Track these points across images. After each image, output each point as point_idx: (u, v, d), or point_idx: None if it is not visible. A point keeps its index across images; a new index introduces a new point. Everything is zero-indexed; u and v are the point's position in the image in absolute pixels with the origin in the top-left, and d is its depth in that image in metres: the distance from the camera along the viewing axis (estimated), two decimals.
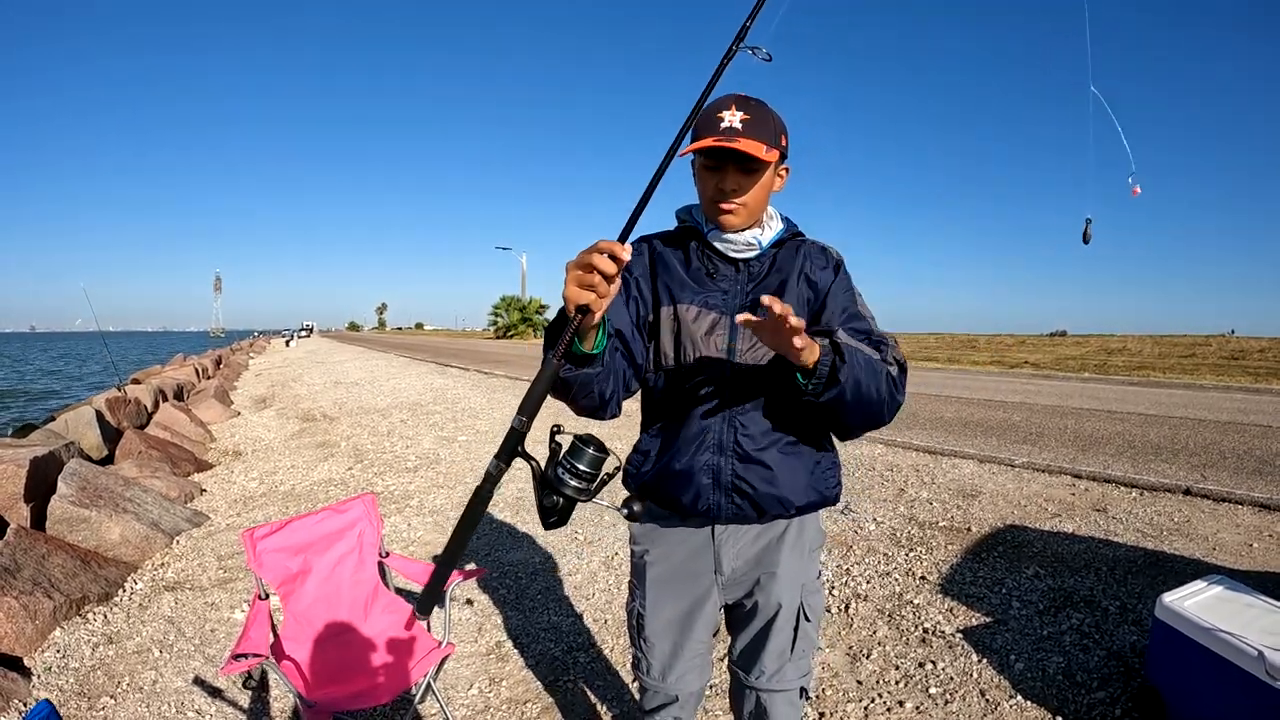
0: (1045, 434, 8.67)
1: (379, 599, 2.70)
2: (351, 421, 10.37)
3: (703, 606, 1.69)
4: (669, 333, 1.60)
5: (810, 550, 1.69)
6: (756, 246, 1.59)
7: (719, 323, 1.57)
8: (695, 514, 1.61)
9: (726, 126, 1.44)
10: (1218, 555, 4.26)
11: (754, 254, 1.60)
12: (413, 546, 4.73)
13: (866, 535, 4.68)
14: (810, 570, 1.69)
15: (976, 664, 3.02)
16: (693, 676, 1.75)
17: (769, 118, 1.49)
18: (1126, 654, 3.04)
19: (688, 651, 1.72)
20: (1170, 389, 15.16)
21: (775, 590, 1.64)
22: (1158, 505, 5.33)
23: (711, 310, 1.58)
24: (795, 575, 1.65)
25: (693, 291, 1.59)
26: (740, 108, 1.46)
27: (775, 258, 1.61)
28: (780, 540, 1.65)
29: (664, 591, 1.71)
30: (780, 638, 1.66)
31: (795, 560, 1.65)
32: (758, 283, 1.60)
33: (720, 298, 1.59)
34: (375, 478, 6.76)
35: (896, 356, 1.50)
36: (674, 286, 1.61)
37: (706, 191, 1.54)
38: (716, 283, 1.60)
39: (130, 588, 4.09)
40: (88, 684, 3.04)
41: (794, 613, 1.65)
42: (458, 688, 2.97)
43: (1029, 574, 3.93)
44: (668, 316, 1.60)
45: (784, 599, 1.64)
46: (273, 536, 2.52)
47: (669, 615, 1.71)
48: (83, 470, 4.99)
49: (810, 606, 1.68)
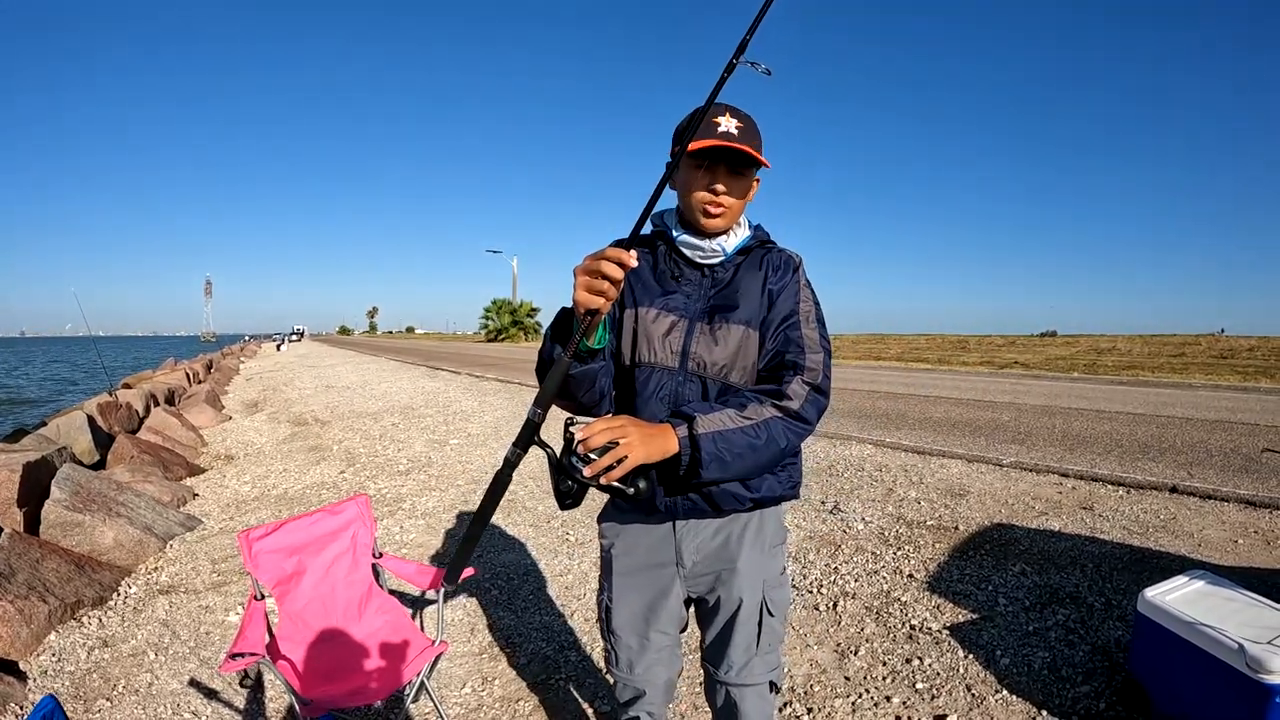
0: (1034, 434, 8.74)
1: (373, 599, 2.73)
2: (343, 425, 10.36)
3: (666, 599, 1.73)
4: (629, 333, 1.66)
5: (771, 546, 1.72)
6: (720, 253, 1.64)
7: (676, 325, 1.62)
8: (654, 510, 1.66)
9: (724, 131, 1.51)
10: (1203, 551, 4.32)
11: (718, 260, 1.65)
12: (405, 549, 4.74)
13: (855, 535, 4.72)
14: (772, 566, 1.72)
15: (963, 659, 3.06)
16: (660, 669, 1.79)
17: (756, 129, 1.57)
18: (1111, 648, 3.09)
19: (654, 644, 1.77)
20: (1159, 388, 15.27)
21: (736, 585, 1.68)
22: (1144, 503, 5.39)
23: (671, 313, 1.63)
24: (756, 570, 1.69)
25: (655, 295, 1.66)
26: (734, 116, 1.54)
27: (739, 266, 1.66)
28: (740, 536, 1.69)
29: (629, 584, 1.76)
30: (744, 632, 1.69)
31: (755, 555, 1.69)
32: (720, 289, 1.65)
33: (682, 301, 1.64)
34: (367, 481, 6.77)
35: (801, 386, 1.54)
36: (639, 289, 1.67)
37: (696, 192, 1.58)
38: (680, 287, 1.66)
39: (125, 591, 4.09)
40: (84, 687, 3.05)
41: (757, 607, 1.69)
42: (451, 686, 3.00)
43: (1015, 571, 3.98)
44: (629, 318, 1.66)
45: (745, 594, 1.68)
46: (268, 538, 2.55)
47: (634, 608, 1.76)
48: (76, 475, 4.99)
49: (774, 601, 1.71)
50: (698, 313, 1.63)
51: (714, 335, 1.60)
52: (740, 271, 1.66)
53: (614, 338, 1.68)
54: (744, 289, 1.63)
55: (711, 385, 1.60)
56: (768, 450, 1.49)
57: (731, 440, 1.45)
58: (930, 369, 23.12)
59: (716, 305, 1.62)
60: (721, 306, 1.62)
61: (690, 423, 1.45)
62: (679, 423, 1.46)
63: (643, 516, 1.71)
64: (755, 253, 1.68)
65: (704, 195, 1.57)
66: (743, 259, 1.67)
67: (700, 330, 1.61)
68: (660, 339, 1.63)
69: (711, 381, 1.61)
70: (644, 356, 1.64)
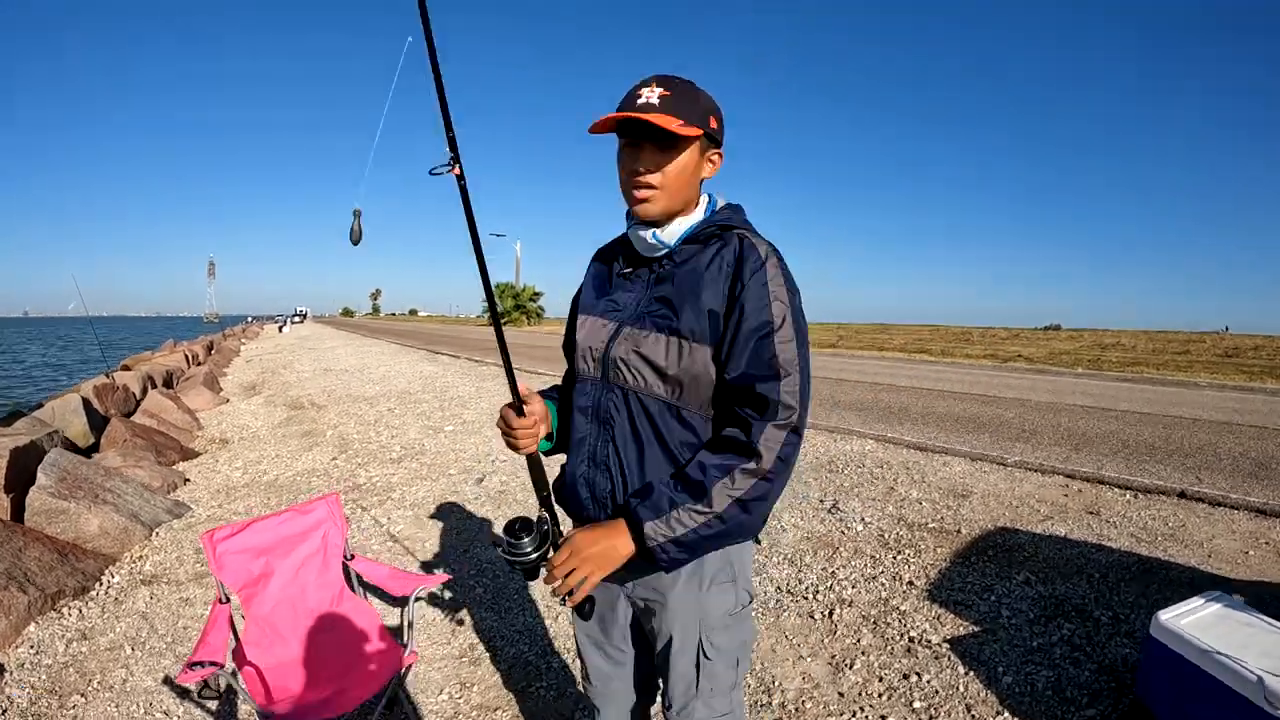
0: (1039, 431, 8.60)
1: (344, 602, 2.64)
2: (339, 410, 10.27)
3: (614, 612, 1.62)
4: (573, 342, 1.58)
5: (714, 584, 1.48)
6: (660, 246, 1.45)
7: (603, 330, 1.50)
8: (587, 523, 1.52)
9: (643, 102, 1.33)
10: (1213, 563, 4.19)
11: (661, 253, 1.46)
12: (391, 541, 4.64)
13: (854, 536, 4.60)
14: (714, 604, 1.49)
15: (963, 676, 2.94)
16: (618, 684, 1.69)
17: (695, 96, 1.37)
18: (1118, 668, 2.97)
19: (611, 658, 1.67)
20: (1165, 386, 15.13)
21: (667, 620, 1.50)
22: (1152, 509, 5.27)
23: (604, 317, 1.51)
24: (689, 610, 1.48)
25: (595, 299, 1.56)
26: (661, 85, 1.35)
27: (689, 258, 1.44)
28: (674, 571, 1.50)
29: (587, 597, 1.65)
30: (679, 669, 1.51)
31: (688, 594, 1.48)
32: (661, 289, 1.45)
33: (622, 302, 1.51)
34: (358, 468, 6.67)
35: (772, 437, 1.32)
36: (585, 295, 1.59)
37: (623, 173, 1.41)
38: (627, 286, 1.52)
39: (108, 581, 4.03)
40: (60, 681, 3.01)
41: (691, 648, 1.49)
42: (428, 692, 2.90)
43: (1019, 580, 3.86)
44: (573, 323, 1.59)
45: (675, 631, 1.50)
46: (234, 538, 2.46)
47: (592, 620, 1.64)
48: (62, 460, 4.91)
49: (714, 645, 1.50)
50: (631, 315, 1.47)
51: (636, 341, 1.43)
52: (685, 266, 1.43)
53: None
54: (684, 289, 1.40)
55: (635, 398, 1.44)
56: (740, 530, 1.37)
57: (690, 543, 1.33)
58: (933, 360, 22.96)
59: (648, 309, 1.45)
60: (653, 311, 1.43)
61: (639, 532, 1.33)
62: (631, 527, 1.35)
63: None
64: (712, 242, 1.44)
65: (628, 177, 1.40)
66: (694, 250, 1.44)
67: (624, 336, 1.45)
68: (584, 346, 1.52)
69: (634, 394, 1.44)
70: (577, 363, 1.55)
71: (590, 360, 1.50)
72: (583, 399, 1.52)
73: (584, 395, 1.52)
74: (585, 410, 1.51)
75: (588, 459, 1.50)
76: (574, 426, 1.53)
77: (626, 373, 1.43)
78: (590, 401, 1.50)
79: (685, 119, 1.33)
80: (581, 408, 1.52)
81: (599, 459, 1.48)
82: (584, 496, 1.51)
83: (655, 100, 1.33)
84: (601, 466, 1.48)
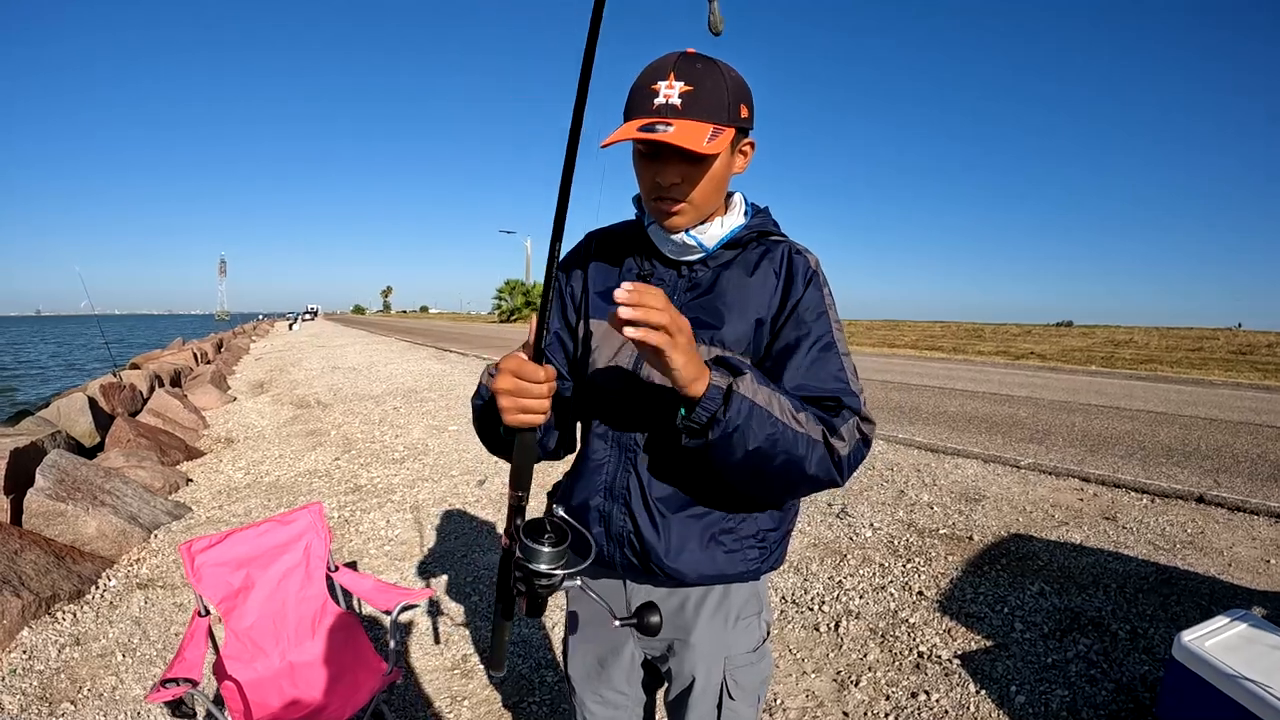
0: (1052, 432, 8.46)
1: (326, 616, 2.56)
2: (344, 409, 10.23)
3: (619, 655, 1.47)
4: (585, 350, 1.37)
5: (740, 618, 1.38)
6: (698, 247, 1.28)
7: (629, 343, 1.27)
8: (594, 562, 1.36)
9: (661, 104, 1.12)
10: (1233, 572, 4.06)
11: (696, 256, 1.30)
12: (389, 545, 4.56)
13: (862, 543, 4.49)
14: (738, 641, 1.38)
15: (974, 695, 2.83)
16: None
17: (721, 85, 1.15)
18: (1136, 687, 2.85)
19: (609, 701, 1.51)
20: (1179, 385, 14.93)
21: (690, 660, 1.37)
22: (1170, 514, 5.14)
23: None
24: (715, 648, 1.36)
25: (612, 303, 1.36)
26: (682, 76, 1.13)
27: (727, 264, 1.31)
28: (699, 604, 1.37)
29: (585, 633, 1.51)
30: (699, 713, 1.39)
31: (715, 630, 1.36)
32: (698, 295, 1.30)
33: None
34: (360, 469, 6.61)
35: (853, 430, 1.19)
36: (595, 297, 1.39)
37: (645, 186, 1.24)
38: None
39: (104, 584, 3.99)
40: (50, 688, 2.98)
41: (715, 689, 1.37)
42: (418, 706, 2.81)
43: (1033, 591, 3.73)
44: (584, 332, 1.38)
45: (699, 671, 1.37)
46: (212, 550, 2.38)
47: (588, 659, 1.51)
48: (62, 462, 4.88)
49: (738, 684, 1.38)
50: None
51: None
52: (727, 272, 1.29)
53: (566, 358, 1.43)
54: (731, 298, 1.27)
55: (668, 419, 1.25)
56: (786, 468, 1.13)
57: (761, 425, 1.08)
58: (945, 358, 22.78)
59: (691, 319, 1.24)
60: (693, 321, 1.24)
61: (736, 377, 1.08)
62: (719, 370, 1.09)
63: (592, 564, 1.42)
64: (752, 247, 1.31)
65: (652, 191, 1.22)
66: (733, 255, 1.31)
67: None
68: (606, 361, 1.33)
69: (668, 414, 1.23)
70: (597, 379, 1.35)
71: (614, 376, 1.33)
72: (602, 423, 1.36)
73: (604, 411, 1.36)
74: (605, 435, 1.35)
75: (604, 490, 1.34)
76: (589, 451, 1.37)
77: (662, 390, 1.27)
78: (612, 425, 1.34)
79: (716, 120, 1.14)
80: (601, 433, 1.36)
81: (616, 490, 1.33)
82: (595, 531, 1.35)
83: (676, 100, 1.12)
84: (619, 499, 1.32)
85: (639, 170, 1.23)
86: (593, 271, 1.41)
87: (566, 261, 1.46)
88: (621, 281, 1.18)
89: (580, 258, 1.44)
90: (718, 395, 1.06)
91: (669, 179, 1.18)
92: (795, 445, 1.12)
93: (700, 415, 1.07)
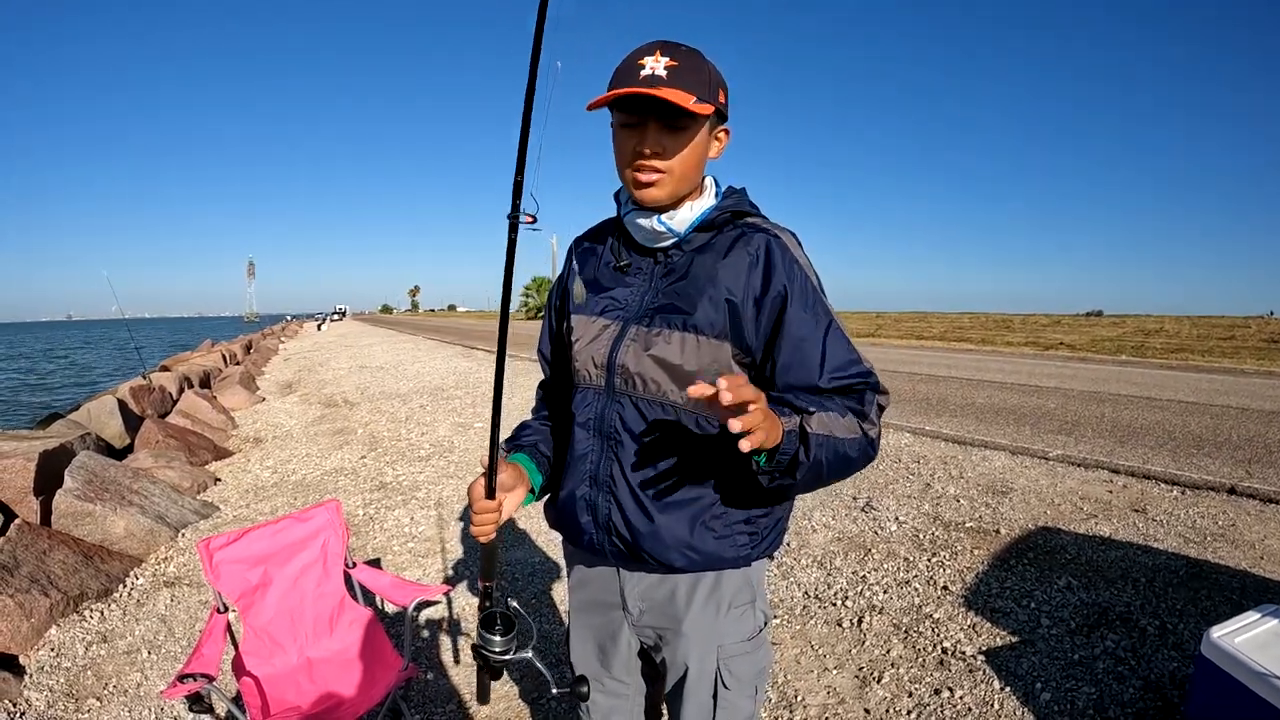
0: (1081, 423, 8.33)
1: (344, 612, 2.58)
2: (371, 407, 10.32)
3: (616, 643, 1.47)
4: (567, 344, 1.42)
5: (733, 606, 1.37)
6: (668, 232, 1.31)
7: (606, 331, 1.34)
8: (586, 549, 1.41)
9: (648, 74, 1.18)
10: (1265, 566, 3.96)
11: (669, 242, 1.33)
12: (413, 542, 4.60)
13: (887, 537, 4.45)
14: (732, 630, 1.38)
15: (998, 692, 2.77)
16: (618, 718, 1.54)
17: (703, 67, 1.22)
18: (1165, 685, 2.78)
19: (609, 689, 1.51)
20: (1211, 374, 14.63)
21: (681, 649, 1.37)
22: (1200, 506, 5.03)
23: (604, 316, 1.36)
24: (707, 636, 1.36)
25: (592, 299, 1.39)
26: (667, 53, 1.20)
27: (700, 248, 1.32)
28: (690, 592, 1.37)
29: (582, 620, 1.52)
30: (694, 703, 1.38)
31: (707, 618, 1.36)
32: (673, 281, 1.32)
33: (624, 298, 1.35)
34: (386, 467, 6.66)
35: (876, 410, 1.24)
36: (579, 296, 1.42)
37: (624, 156, 1.26)
38: (627, 280, 1.37)
39: (131, 583, 4.06)
40: (77, 685, 3.03)
41: (709, 678, 1.37)
42: (436, 702, 2.82)
43: (1060, 585, 3.67)
44: (567, 328, 1.43)
45: (691, 660, 1.37)
46: (230, 547, 2.41)
47: (588, 646, 1.52)
48: (90, 463, 4.96)
49: (733, 674, 1.37)
50: (637, 312, 1.32)
51: (647, 342, 1.29)
52: (701, 257, 1.31)
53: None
54: (702, 281, 1.28)
55: (646, 407, 1.30)
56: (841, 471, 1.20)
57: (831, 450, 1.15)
58: (973, 349, 22.55)
59: (658, 305, 1.31)
60: (665, 307, 1.30)
61: (803, 417, 1.13)
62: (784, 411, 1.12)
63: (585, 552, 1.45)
64: (727, 230, 1.32)
65: (631, 160, 1.25)
66: (707, 238, 1.32)
67: (633, 335, 1.31)
68: (584, 349, 1.36)
69: (645, 403, 1.30)
70: (576, 369, 1.39)
71: (592, 368, 1.35)
72: (583, 411, 1.37)
73: (585, 407, 1.37)
74: (587, 425, 1.36)
75: (589, 479, 1.36)
76: (574, 442, 1.39)
77: (636, 379, 1.30)
78: (593, 414, 1.36)
79: (697, 93, 1.19)
80: (582, 422, 1.37)
81: (601, 479, 1.34)
82: (584, 520, 1.37)
83: (662, 72, 1.18)
84: (604, 488, 1.34)
85: (618, 143, 1.27)
86: (572, 268, 1.47)
87: (559, 278, 1.53)
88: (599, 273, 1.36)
89: (566, 269, 1.50)
90: (794, 439, 1.11)
91: (650, 145, 1.22)
92: (850, 450, 1.18)
93: (782, 461, 1.12)
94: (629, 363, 1.30)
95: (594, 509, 1.35)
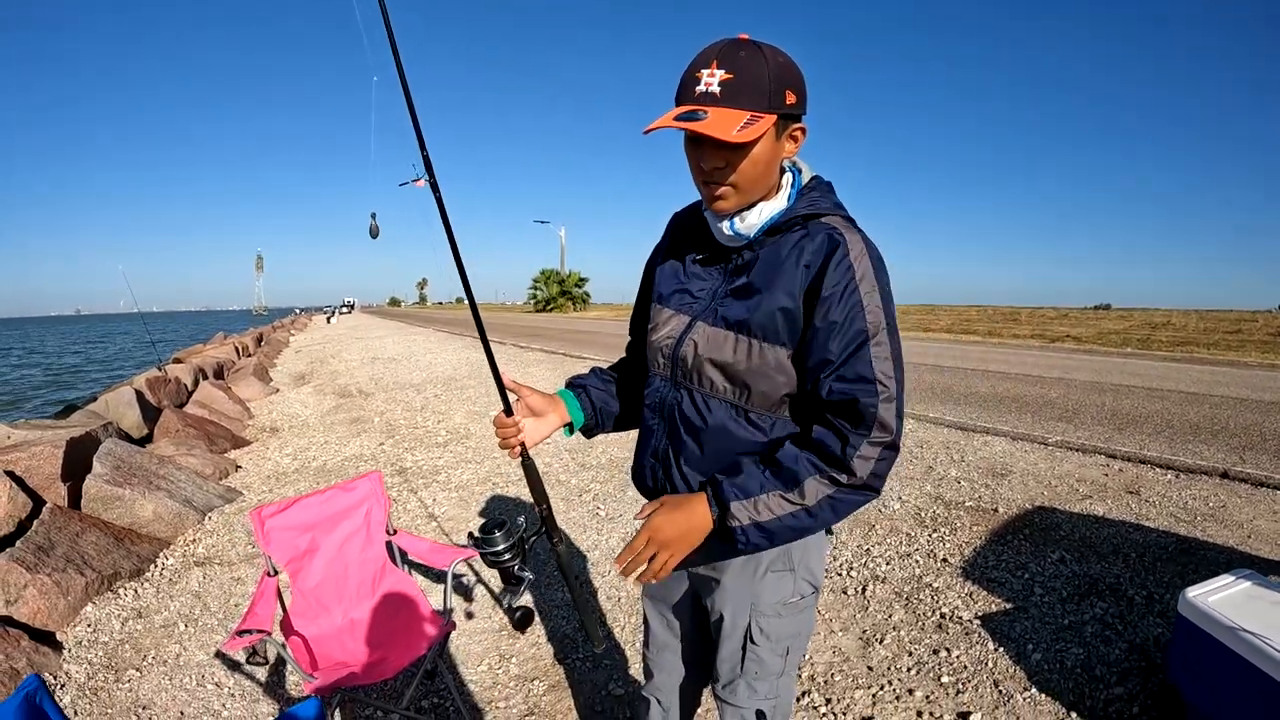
0: (1081, 411, 8.46)
1: (386, 576, 2.73)
2: (386, 397, 10.47)
3: (680, 583, 1.63)
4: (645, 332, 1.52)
5: (769, 571, 1.45)
6: (736, 235, 1.32)
7: (674, 323, 1.42)
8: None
9: (702, 91, 1.16)
10: (1252, 544, 4.12)
11: (741, 243, 1.34)
12: (436, 522, 4.76)
13: (890, 514, 4.61)
14: (767, 593, 1.46)
15: (992, 652, 2.96)
16: (669, 655, 1.69)
17: (763, 73, 1.16)
18: (1149, 648, 2.95)
19: (669, 625, 1.68)
20: (1214, 366, 14.67)
21: (719, 598, 1.50)
22: (1193, 488, 5.18)
23: (678, 309, 1.42)
24: (742, 593, 1.47)
25: (671, 286, 1.46)
26: (724, 64, 1.16)
27: (764, 250, 1.33)
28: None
29: None
30: (728, 648, 1.51)
31: (743, 577, 1.46)
32: (738, 282, 1.35)
33: (698, 291, 1.41)
34: (405, 453, 6.82)
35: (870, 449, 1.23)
36: (660, 279, 1.49)
37: (692, 170, 1.28)
38: (701, 275, 1.42)
39: (161, 563, 4.18)
40: (115, 657, 3.13)
41: (741, 630, 1.48)
42: (468, 664, 2.99)
43: (1054, 559, 3.84)
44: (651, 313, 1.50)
45: (726, 611, 1.49)
46: (281, 515, 2.55)
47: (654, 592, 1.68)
48: (117, 450, 5.09)
49: (763, 631, 1.47)
50: (704, 309, 1.38)
51: (708, 340, 1.35)
52: (765, 259, 1.31)
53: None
54: (758, 284, 1.30)
55: (702, 401, 1.38)
56: (820, 527, 1.28)
57: (773, 530, 1.26)
58: (979, 341, 22.58)
59: (723, 304, 1.35)
60: (728, 307, 1.34)
61: (724, 511, 1.26)
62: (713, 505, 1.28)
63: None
64: (796, 230, 1.31)
65: (697, 175, 1.28)
66: (775, 240, 1.32)
67: (696, 332, 1.37)
68: (655, 339, 1.45)
69: (702, 397, 1.38)
70: (651, 354, 1.48)
71: (660, 358, 1.44)
72: (651, 395, 1.49)
73: (652, 391, 1.48)
74: (652, 406, 1.48)
75: (652, 453, 1.50)
76: (644, 417, 1.52)
77: (695, 374, 1.38)
78: (657, 398, 1.47)
79: (755, 108, 1.16)
80: (650, 404, 1.49)
81: (660, 454, 1.47)
82: (649, 484, 1.52)
83: (716, 89, 1.15)
84: (664, 463, 1.47)
85: (687, 154, 1.27)
86: (664, 250, 1.54)
87: (655, 249, 1.59)
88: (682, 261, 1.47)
89: (661, 243, 1.57)
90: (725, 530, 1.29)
91: (710, 164, 1.23)
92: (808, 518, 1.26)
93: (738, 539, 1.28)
94: (689, 358, 1.38)
95: (656, 478, 1.50)
